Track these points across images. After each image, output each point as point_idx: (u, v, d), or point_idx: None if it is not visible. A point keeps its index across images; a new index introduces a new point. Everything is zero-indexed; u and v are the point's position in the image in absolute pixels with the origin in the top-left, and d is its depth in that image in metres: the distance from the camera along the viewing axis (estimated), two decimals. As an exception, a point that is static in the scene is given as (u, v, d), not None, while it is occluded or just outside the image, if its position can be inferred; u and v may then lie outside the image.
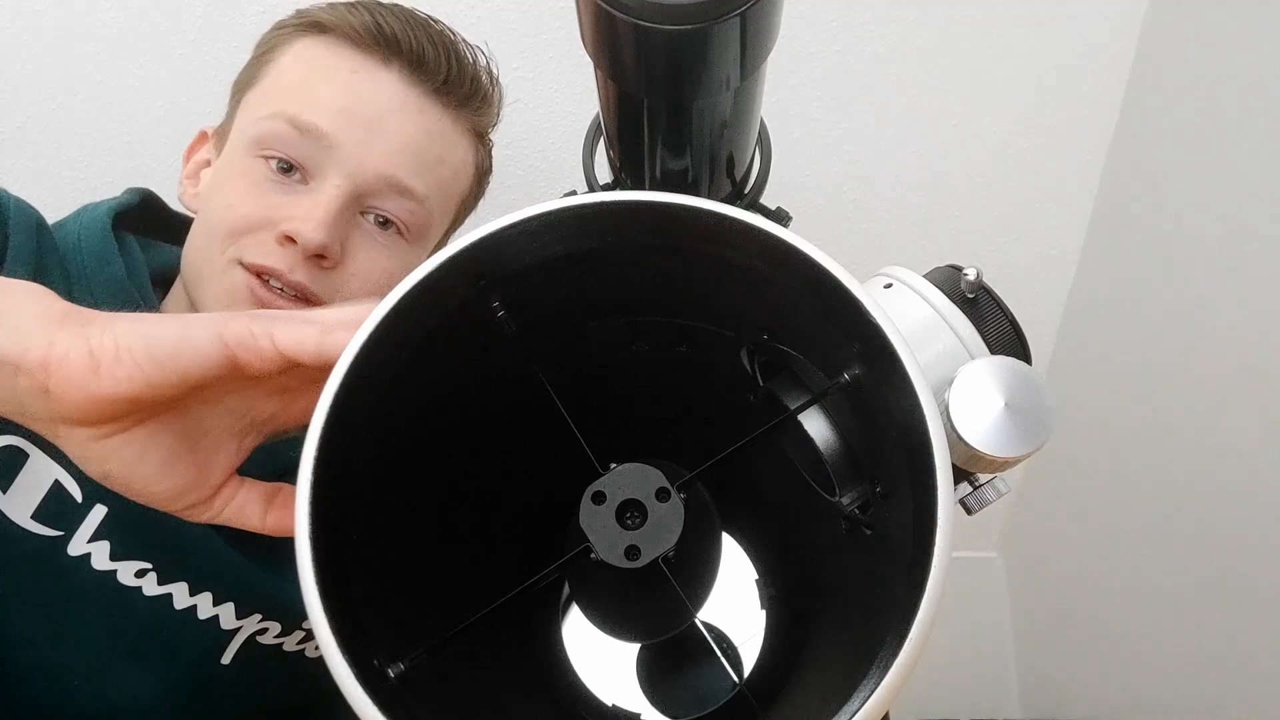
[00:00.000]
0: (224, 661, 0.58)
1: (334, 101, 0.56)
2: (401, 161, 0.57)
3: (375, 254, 0.58)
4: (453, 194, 0.63)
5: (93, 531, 0.52)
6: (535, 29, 0.94)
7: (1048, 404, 0.37)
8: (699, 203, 0.34)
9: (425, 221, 0.60)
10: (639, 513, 0.34)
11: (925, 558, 0.29)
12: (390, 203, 0.58)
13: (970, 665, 1.34)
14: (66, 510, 0.51)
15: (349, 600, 0.30)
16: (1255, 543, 0.89)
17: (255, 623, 0.59)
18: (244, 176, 0.56)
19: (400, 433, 0.36)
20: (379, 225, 0.58)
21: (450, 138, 0.61)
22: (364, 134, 0.56)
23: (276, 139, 0.55)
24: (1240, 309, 0.89)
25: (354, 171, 0.55)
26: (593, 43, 0.36)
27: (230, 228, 0.55)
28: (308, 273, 0.55)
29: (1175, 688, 1.03)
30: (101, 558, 0.52)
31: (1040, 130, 1.05)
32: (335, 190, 0.55)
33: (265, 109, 0.57)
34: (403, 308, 0.33)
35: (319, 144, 0.55)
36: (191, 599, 0.55)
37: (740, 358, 0.42)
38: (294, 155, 0.55)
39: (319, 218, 0.54)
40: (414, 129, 0.58)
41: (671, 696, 0.45)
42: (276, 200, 0.55)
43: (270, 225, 0.55)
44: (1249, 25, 0.86)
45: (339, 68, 0.57)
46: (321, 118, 0.55)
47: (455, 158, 0.62)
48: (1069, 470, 1.18)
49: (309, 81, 0.57)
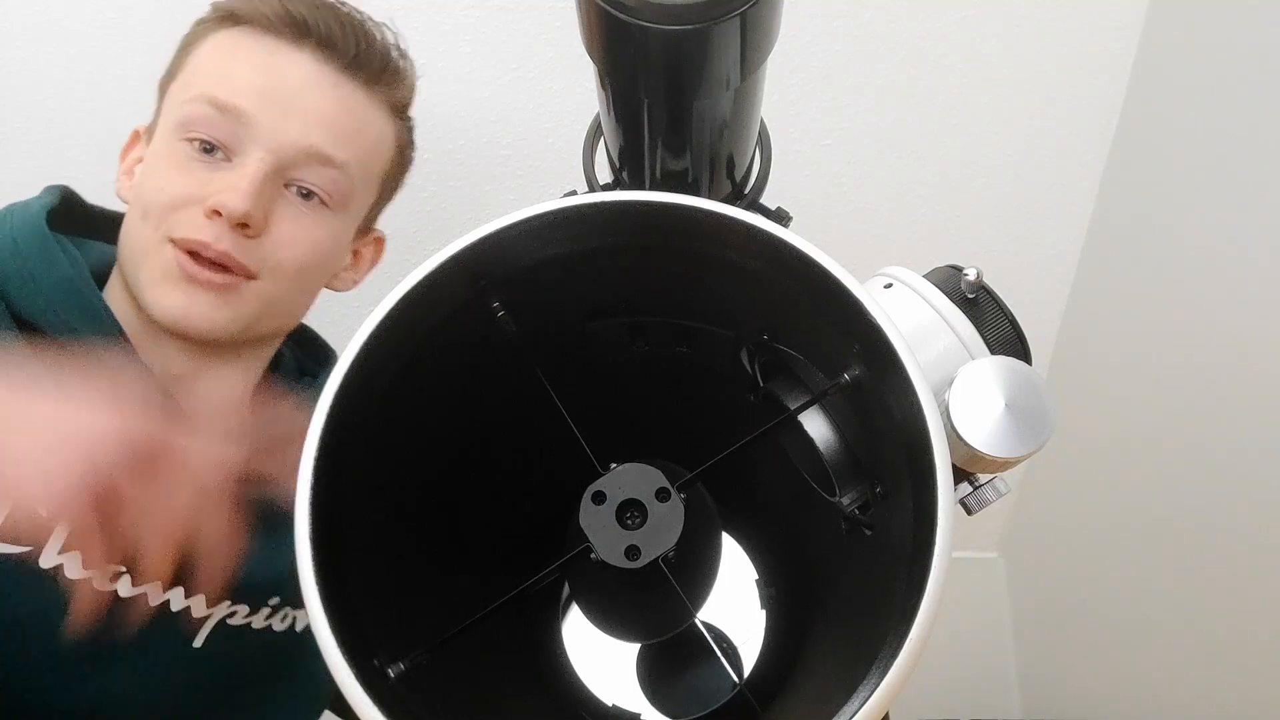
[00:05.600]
0: (196, 645, 0.61)
1: (252, 81, 0.59)
2: (319, 133, 0.60)
3: (301, 222, 0.61)
4: (374, 164, 0.66)
5: (62, 544, 0.52)
6: (535, 29, 0.94)
7: (1048, 404, 0.37)
8: (699, 203, 0.34)
9: (347, 190, 0.63)
10: (639, 513, 0.34)
11: (925, 558, 0.29)
12: (312, 173, 0.61)
13: (970, 665, 1.34)
14: (33, 528, 0.51)
15: (349, 600, 0.30)
16: (1255, 542, 0.88)
17: (225, 608, 0.61)
18: (171, 158, 0.59)
19: (400, 433, 0.36)
20: (302, 197, 0.61)
21: (366, 111, 0.64)
22: (282, 110, 0.59)
23: (199, 120, 0.58)
24: (1240, 309, 0.89)
25: (275, 146, 0.59)
26: (593, 43, 0.36)
27: (163, 205, 0.58)
28: (234, 242, 0.57)
29: (1175, 687, 1.03)
30: (74, 567, 0.53)
31: (1041, 130, 1.05)
32: (258, 164, 0.58)
33: (187, 94, 0.60)
34: (403, 308, 0.33)
35: (240, 122, 0.58)
36: (165, 594, 0.57)
37: (740, 358, 0.42)
38: (216, 135, 0.58)
39: (243, 189, 0.57)
40: (330, 102, 0.61)
41: (671, 696, 0.45)
42: (203, 177, 0.58)
43: (198, 201, 0.57)
44: (1249, 25, 0.86)
45: (255, 50, 0.60)
46: (241, 97, 0.58)
47: (373, 129, 0.65)
48: (1069, 470, 1.18)
49: (227, 65, 0.60)
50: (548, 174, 1.01)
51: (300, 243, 0.61)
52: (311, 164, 0.61)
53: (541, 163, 1.00)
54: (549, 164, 1.00)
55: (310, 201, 0.62)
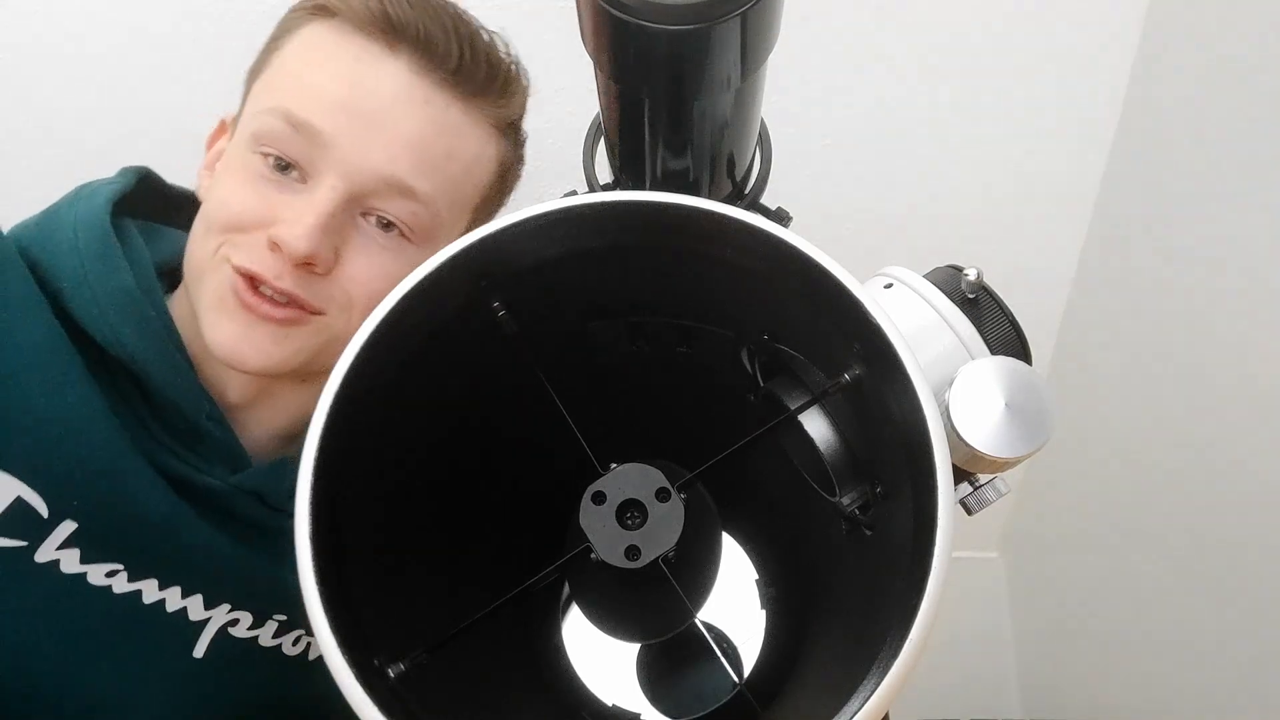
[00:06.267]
0: (196, 655, 0.57)
1: (333, 95, 0.53)
2: (403, 160, 0.54)
3: (376, 258, 0.55)
4: (465, 191, 0.59)
5: (61, 541, 0.50)
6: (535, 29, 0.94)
7: (1048, 404, 0.37)
8: (699, 203, 0.34)
9: (431, 223, 0.57)
10: (639, 513, 0.34)
11: (925, 558, 0.29)
12: (392, 204, 0.55)
13: (970, 665, 1.34)
14: (31, 524, 0.49)
15: (349, 600, 0.30)
16: (1255, 542, 0.89)
17: (225, 613, 0.57)
18: (242, 172, 0.54)
19: (400, 433, 0.36)
20: (381, 228, 0.55)
21: (462, 131, 0.57)
22: (362, 130, 0.53)
23: (272, 136, 0.53)
24: (1240, 309, 0.89)
25: (351, 172, 0.53)
26: (593, 43, 0.36)
27: (224, 223, 0.53)
28: (296, 280, 0.53)
29: (1175, 688, 1.03)
30: (71, 562, 0.51)
31: (1041, 130, 1.05)
32: (330, 193, 0.52)
33: (265, 102, 0.55)
34: (403, 308, 0.33)
35: (314, 142, 0.53)
36: (160, 593, 0.54)
37: (740, 358, 0.42)
38: (290, 153, 0.53)
39: (308, 224, 0.51)
40: (419, 122, 0.54)
41: (671, 696, 0.45)
42: (272, 199, 0.53)
43: (263, 226, 0.52)
44: (1249, 26, 0.86)
45: (341, 55, 0.54)
46: (317, 114, 0.53)
47: (467, 153, 0.58)
48: (1069, 470, 1.18)
49: (309, 72, 0.55)
50: (548, 174, 1.00)
51: (375, 280, 0.54)
52: (392, 195, 0.54)
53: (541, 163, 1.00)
54: (549, 164, 1.00)
55: (390, 233, 0.55)
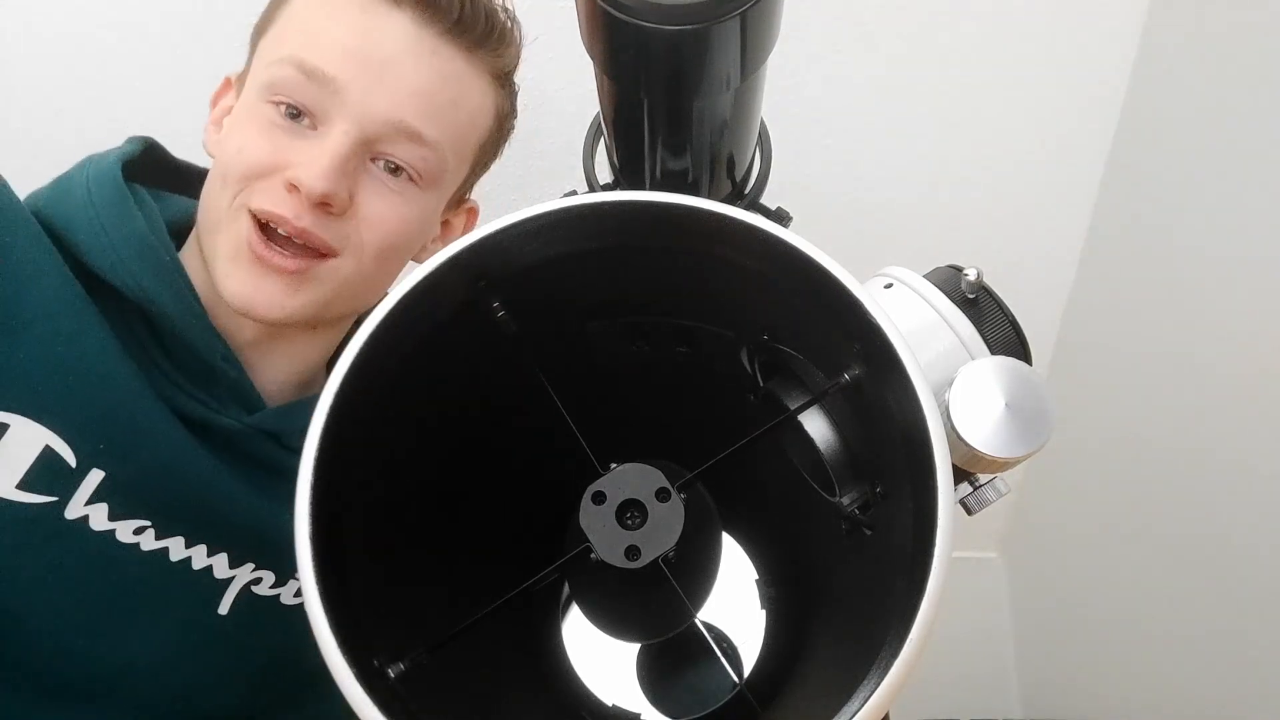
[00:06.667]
0: (221, 612, 0.59)
1: (343, 43, 0.55)
2: (412, 106, 0.56)
3: (387, 199, 0.58)
4: (469, 139, 0.62)
5: (90, 494, 0.51)
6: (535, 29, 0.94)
7: (1048, 404, 0.37)
8: (699, 203, 0.34)
9: (438, 168, 0.60)
10: (639, 513, 0.34)
11: (925, 558, 0.29)
12: (401, 149, 0.57)
13: (970, 665, 1.34)
14: (60, 476, 0.51)
15: (349, 600, 0.30)
16: (1255, 542, 0.89)
17: (249, 572, 0.60)
18: (255, 121, 0.56)
19: (400, 433, 0.36)
20: (390, 172, 0.58)
21: (465, 80, 0.60)
22: (373, 78, 0.55)
23: (285, 84, 0.55)
24: (1240, 309, 0.89)
25: (362, 117, 0.55)
26: (593, 43, 0.37)
27: (241, 172, 0.56)
28: (314, 219, 0.55)
29: (1175, 688, 1.03)
30: (100, 518, 0.52)
31: (1041, 130, 1.05)
32: (342, 137, 0.55)
33: (276, 53, 0.57)
34: (403, 308, 0.33)
35: (326, 89, 0.55)
36: (187, 551, 0.56)
37: (740, 358, 0.42)
38: (302, 101, 0.55)
39: (324, 165, 0.54)
40: (426, 71, 0.57)
41: (671, 696, 0.45)
42: (286, 144, 0.55)
43: (279, 171, 0.55)
44: (1249, 26, 0.86)
45: (350, 8, 0.56)
46: (329, 62, 0.55)
47: (471, 101, 0.61)
48: (1069, 470, 1.18)
49: (319, 24, 0.57)
50: (548, 174, 1.01)
51: (387, 221, 0.58)
52: (401, 140, 0.57)
53: (542, 162, 1.00)
54: (549, 164, 1.00)
55: (399, 177, 0.58)
